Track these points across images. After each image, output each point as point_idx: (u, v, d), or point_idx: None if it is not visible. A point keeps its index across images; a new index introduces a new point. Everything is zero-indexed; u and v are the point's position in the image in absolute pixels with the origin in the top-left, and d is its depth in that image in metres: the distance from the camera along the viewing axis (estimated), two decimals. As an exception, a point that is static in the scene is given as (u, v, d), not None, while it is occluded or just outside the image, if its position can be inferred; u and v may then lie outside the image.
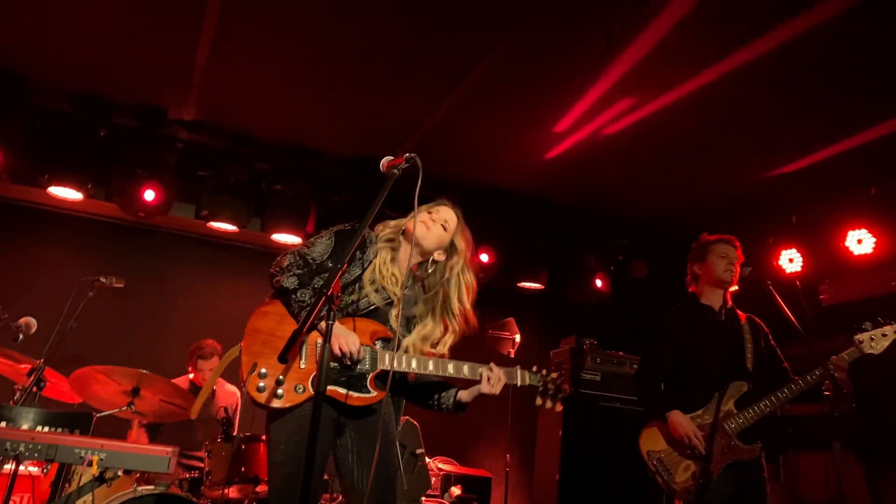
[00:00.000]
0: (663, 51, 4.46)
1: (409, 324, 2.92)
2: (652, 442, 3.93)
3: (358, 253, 2.88)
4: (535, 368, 3.03)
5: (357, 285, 2.84)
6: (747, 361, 3.89)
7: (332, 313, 2.24)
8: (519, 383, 2.97)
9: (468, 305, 2.97)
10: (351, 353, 2.65)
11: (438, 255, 2.96)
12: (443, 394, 2.99)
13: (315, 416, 2.14)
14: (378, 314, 2.85)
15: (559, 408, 3.03)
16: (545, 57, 4.68)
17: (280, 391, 2.63)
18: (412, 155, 2.74)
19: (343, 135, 5.93)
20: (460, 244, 2.99)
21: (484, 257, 6.49)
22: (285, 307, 2.77)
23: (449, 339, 2.93)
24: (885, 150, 5.23)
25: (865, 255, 5.67)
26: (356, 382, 2.73)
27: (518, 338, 6.10)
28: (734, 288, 4.06)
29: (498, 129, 5.64)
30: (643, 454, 3.94)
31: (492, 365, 2.90)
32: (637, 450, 3.99)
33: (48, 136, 5.72)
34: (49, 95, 5.66)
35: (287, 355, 2.28)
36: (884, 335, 3.63)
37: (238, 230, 6.24)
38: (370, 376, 2.75)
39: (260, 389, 2.64)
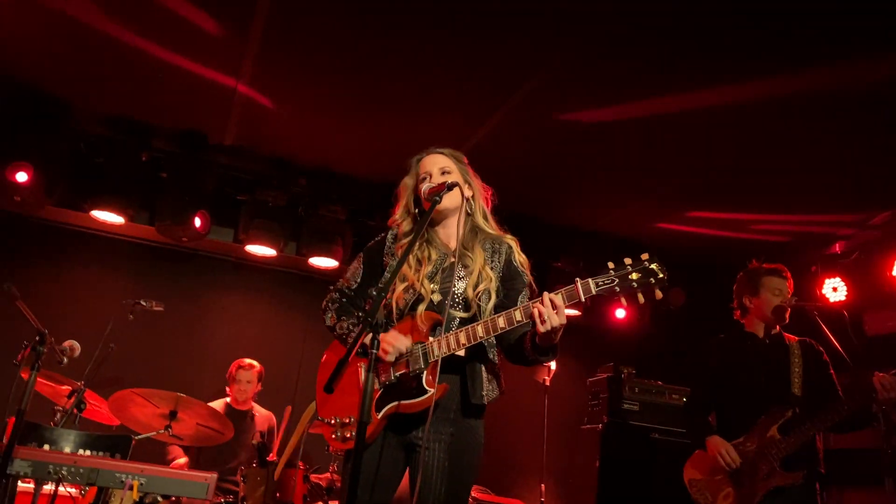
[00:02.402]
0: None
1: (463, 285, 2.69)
2: (694, 471, 3.94)
3: (386, 258, 2.83)
4: (610, 265, 2.42)
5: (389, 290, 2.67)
6: (793, 386, 3.79)
7: (375, 342, 2.20)
8: (583, 297, 2.40)
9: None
10: (399, 350, 2.53)
11: (468, 191, 2.80)
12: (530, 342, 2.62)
13: (358, 443, 2.09)
14: (433, 305, 2.65)
15: (658, 296, 2.39)
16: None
17: (350, 433, 2.55)
18: (454, 182, 2.75)
19: (379, 160, 5.96)
20: (466, 168, 2.89)
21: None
22: (339, 343, 2.75)
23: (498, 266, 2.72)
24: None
25: (914, 285, 5.53)
26: (414, 388, 2.54)
27: (553, 366, 6.02)
28: None
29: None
30: (686, 484, 3.94)
31: (543, 295, 2.40)
32: (679, 480, 3.97)
33: (92, 161, 5.84)
34: (93, 121, 5.78)
35: (333, 385, 2.25)
36: None
37: (276, 254, 6.29)
38: (425, 374, 2.53)
39: (336, 439, 2.60)
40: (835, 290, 5.96)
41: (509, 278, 2.76)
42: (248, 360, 5.66)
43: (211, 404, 4.80)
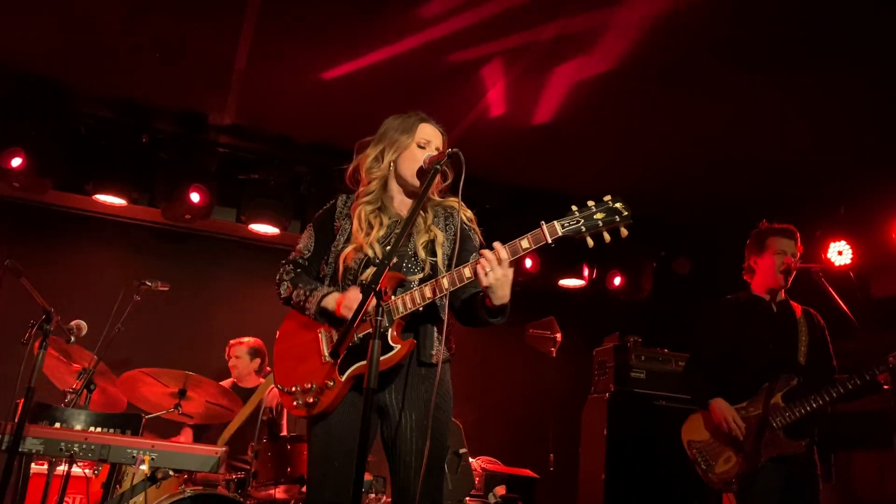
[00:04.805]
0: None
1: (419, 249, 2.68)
2: (693, 431, 3.89)
3: (337, 222, 2.78)
4: (574, 208, 2.44)
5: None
6: (800, 355, 3.78)
7: (381, 309, 2.19)
8: (549, 239, 2.40)
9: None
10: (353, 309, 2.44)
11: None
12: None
13: (366, 410, 2.10)
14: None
15: (623, 234, 2.43)
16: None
17: (312, 398, 2.54)
18: (455, 150, 2.72)
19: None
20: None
21: (528, 262, 6.48)
22: (296, 316, 2.72)
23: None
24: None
25: (920, 246, 5.50)
26: (385, 345, 2.47)
27: (559, 336, 6.04)
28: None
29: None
30: (684, 444, 3.90)
31: (484, 251, 2.40)
32: (681, 442, 3.95)
33: (92, 144, 5.83)
34: (92, 103, 5.77)
35: (339, 349, 2.26)
36: None
37: (279, 232, 6.29)
38: (391, 332, 2.49)
39: (297, 406, 2.58)
40: (840, 253, 5.92)
41: (462, 240, 2.72)
42: (237, 339, 5.68)
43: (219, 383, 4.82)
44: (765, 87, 4.85)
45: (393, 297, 2.53)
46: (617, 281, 7.09)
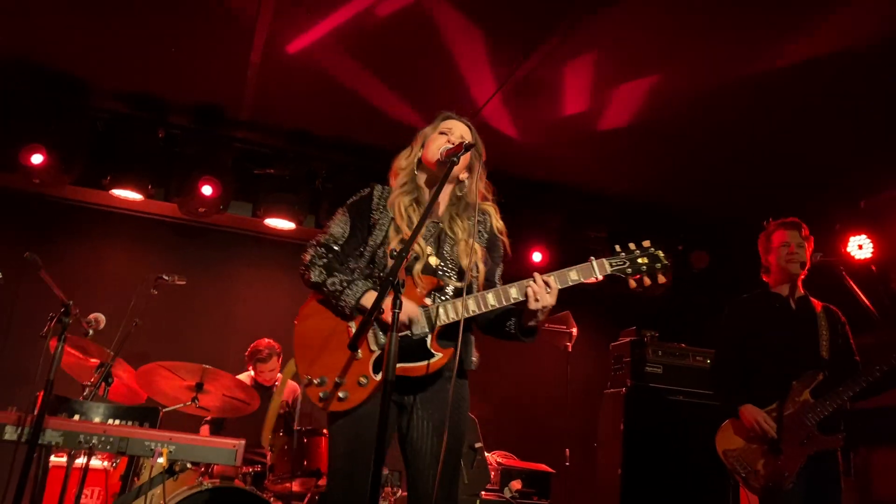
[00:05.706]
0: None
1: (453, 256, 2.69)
2: (728, 441, 3.81)
3: (375, 215, 2.73)
4: (618, 248, 2.60)
5: (384, 248, 2.64)
6: (822, 349, 3.74)
7: (398, 301, 2.18)
8: (599, 275, 2.55)
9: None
10: (412, 320, 2.47)
11: (463, 175, 2.74)
12: (513, 319, 2.66)
13: (384, 405, 2.10)
14: (431, 268, 2.63)
15: (661, 280, 2.60)
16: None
17: (342, 393, 2.50)
18: (471, 142, 2.72)
19: (396, 129, 5.93)
20: (482, 154, 2.81)
21: (537, 256, 6.45)
22: (325, 301, 2.65)
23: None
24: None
25: (942, 239, 5.43)
26: (418, 351, 2.50)
27: (575, 331, 6.01)
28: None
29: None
30: (720, 454, 3.83)
31: (535, 275, 2.50)
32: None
33: (109, 139, 5.87)
34: (109, 98, 5.80)
35: (357, 343, 2.24)
36: None
37: (295, 227, 6.30)
38: (430, 339, 2.51)
39: (322, 398, 2.52)
40: (860, 247, 5.84)
41: (491, 248, 2.80)
42: (263, 349, 5.41)
43: (237, 377, 4.82)
44: (781, 84, 4.80)
45: (431, 302, 2.55)
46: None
